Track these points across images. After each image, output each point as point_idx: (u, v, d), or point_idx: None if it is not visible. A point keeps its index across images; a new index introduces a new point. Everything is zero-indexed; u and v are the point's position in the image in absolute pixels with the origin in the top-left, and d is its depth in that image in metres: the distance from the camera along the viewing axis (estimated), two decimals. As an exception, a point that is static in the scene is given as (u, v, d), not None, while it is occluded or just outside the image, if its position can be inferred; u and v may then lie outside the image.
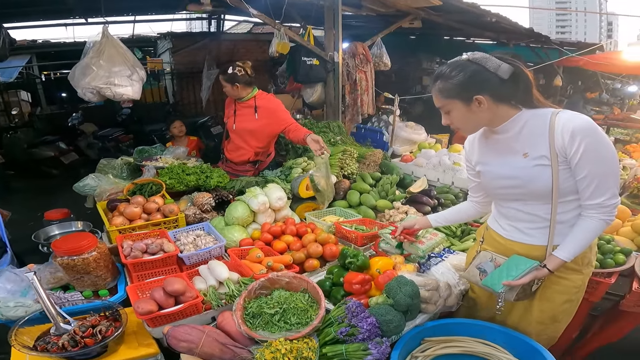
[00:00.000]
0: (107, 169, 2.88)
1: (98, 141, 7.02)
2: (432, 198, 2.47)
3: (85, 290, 1.83)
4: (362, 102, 4.45)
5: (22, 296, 1.78)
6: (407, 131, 3.96)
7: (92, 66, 2.81)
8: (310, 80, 4.04)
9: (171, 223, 2.21)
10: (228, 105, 3.00)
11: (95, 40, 3.07)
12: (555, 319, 1.46)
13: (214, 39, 8.33)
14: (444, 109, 1.37)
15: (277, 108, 2.85)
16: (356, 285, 1.59)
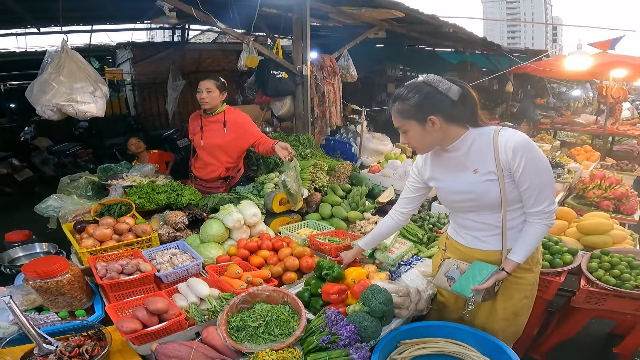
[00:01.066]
0: (70, 188, 2.79)
1: (54, 156, 6.62)
2: (399, 208, 2.61)
3: (61, 311, 1.81)
4: (330, 114, 4.59)
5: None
6: (374, 142, 4.13)
7: (52, 82, 2.68)
8: (279, 93, 4.09)
9: (144, 243, 2.20)
10: (193, 121, 2.96)
11: (54, 55, 2.92)
12: (517, 314, 1.64)
13: (178, 49, 8.19)
14: (401, 129, 1.51)
15: (246, 122, 2.88)
16: (334, 295, 1.68)
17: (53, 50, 2.94)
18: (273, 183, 2.81)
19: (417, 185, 1.72)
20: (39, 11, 4.60)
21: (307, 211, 2.78)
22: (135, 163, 3.61)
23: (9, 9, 4.15)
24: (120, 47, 8.57)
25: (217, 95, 2.76)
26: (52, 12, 4.46)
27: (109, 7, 4.93)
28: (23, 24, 5.67)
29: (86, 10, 5.03)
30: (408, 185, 1.77)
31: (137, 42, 8.55)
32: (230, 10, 3.97)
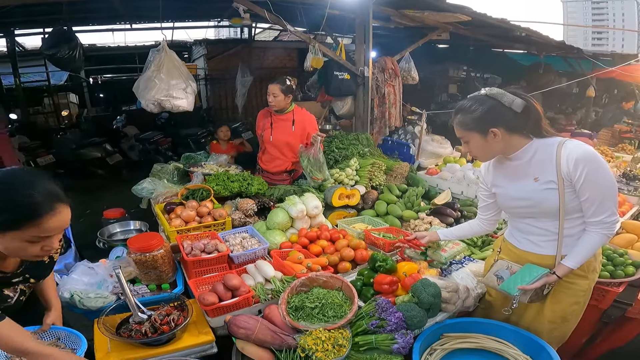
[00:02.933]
0: (161, 173, 3.23)
1: (139, 143, 7.48)
2: (455, 210, 2.68)
3: (151, 284, 2.02)
4: (389, 115, 4.66)
5: (98, 288, 1.96)
6: (433, 145, 4.14)
7: (155, 79, 3.11)
8: (341, 93, 4.25)
9: (219, 226, 2.48)
10: (262, 118, 3.22)
11: (156, 53, 3.35)
12: (565, 319, 1.68)
13: (245, 46, 8.65)
14: (463, 139, 1.60)
15: (312, 122, 3.15)
16: (385, 286, 1.83)
17: (155, 50, 3.37)
18: (333, 179, 3.00)
19: (486, 193, 1.79)
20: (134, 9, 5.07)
21: (363, 207, 2.94)
22: (212, 146, 4.00)
23: (108, 7, 4.67)
24: (195, 44, 9.24)
25: (282, 99, 3.02)
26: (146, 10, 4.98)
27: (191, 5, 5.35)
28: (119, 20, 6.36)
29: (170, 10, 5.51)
30: (480, 195, 1.85)
31: (210, 39, 9.18)
32: (297, 13, 4.19)
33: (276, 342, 1.57)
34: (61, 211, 1.11)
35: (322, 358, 1.46)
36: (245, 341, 1.60)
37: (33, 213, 1.05)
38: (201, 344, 1.67)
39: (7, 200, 1.04)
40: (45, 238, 1.11)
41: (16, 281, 1.37)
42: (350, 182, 3.08)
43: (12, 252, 1.12)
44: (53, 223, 1.08)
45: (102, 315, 1.71)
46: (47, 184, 1.10)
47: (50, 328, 1.56)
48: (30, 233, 1.07)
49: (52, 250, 1.16)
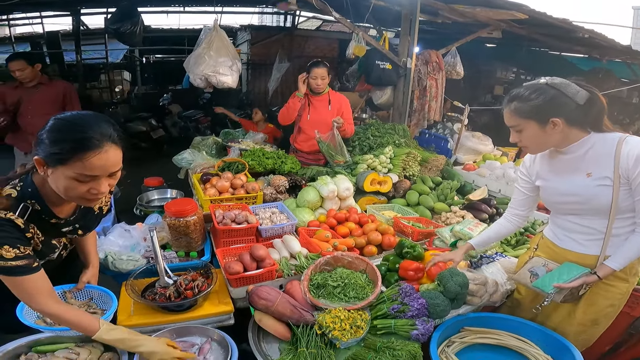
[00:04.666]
0: (201, 146, 3.34)
1: (181, 120, 7.81)
2: (491, 207, 2.56)
3: (180, 251, 2.06)
4: (429, 108, 4.53)
5: (131, 251, 2.01)
6: (473, 141, 3.98)
7: (205, 56, 3.24)
8: (381, 83, 4.19)
9: (251, 199, 2.52)
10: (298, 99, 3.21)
11: (207, 32, 3.47)
12: (595, 322, 1.58)
13: (287, 34, 8.71)
14: (516, 127, 1.50)
15: (347, 104, 3.27)
16: (410, 272, 1.79)
17: (207, 28, 3.49)
18: (367, 164, 2.97)
19: (527, 185, 1.69)
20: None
21: (394, 195, 2.88)
22: (250, 128, 4.10)
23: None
24: (240, 29, 9.40)
25: (327, 81, 3.18)
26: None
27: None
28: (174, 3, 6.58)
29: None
30: (519, 187, 1.73)
31: (255, 25, 9.33)
32: (344, 2, 4.14)
33: (294, 316, 1.57)
34: (107, 151, 1.11)
35: (338, 337, 1.45)
36: (263, 313, 1.61)
37: (80, 147, 1.07)
38: (220, 313, 1.69)
39: (62, 135, 1.09)
40: (92, 179, 1.13)
41: (66, 230, 1.40)
42: (383, 169, 3.03)
43: (63, 190, 1.15)
44: (98, 161, 1.09)
45: (130, 278, 1.74)
46: (102, 125, 1.12)
47: (85, 287, 1.59)
48: (76, 169, 1.09)
49: (99, 194, 1.17)
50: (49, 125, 1.12)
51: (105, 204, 1.56)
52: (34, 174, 1.23)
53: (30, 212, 1.20)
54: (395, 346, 1.46)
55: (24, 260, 1.17)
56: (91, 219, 1.50)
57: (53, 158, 1.09)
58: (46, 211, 1.26)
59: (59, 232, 1.38)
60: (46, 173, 1.13)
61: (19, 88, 3.19)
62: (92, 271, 1.63)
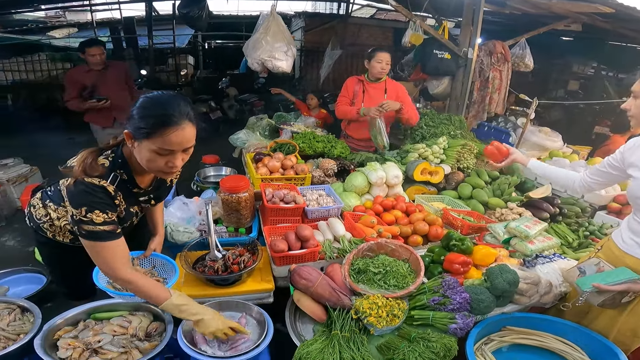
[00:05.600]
0: (255, 127, 3.47)
1: (237, 103, 8.19)
2: (553, 206, 2.36)
3: (230, 226, 2.15)
4: (491, 100, 4.27)
5: (187, 223, 2.13)
6: (540, 136, 3.68)
7: (262, 41, 3.35)
8: (439, 72, 4.04)
9: (299, 180, 2.58)
10: (352, 85, 3.20)
11: (265, 17, 3.57)
12: (635, 334, 1.45)
13: (341, 22, 8.64)
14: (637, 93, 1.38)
15: (404, 91, 3.18)
16: (456, 265, 1.73)
17: (265, 14, 3.58)
18: (418, 153, 2.89)
19: (612, 163, 1.58)
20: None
21: (445, 187, 2.78)
22: (304, 114, 4.18)
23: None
24: (295, 16, 9.51)
25: (385, 67, 3.08)
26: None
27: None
28: None
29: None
30: (606, 162, 1.63)
31: (309, 12, 9.38)
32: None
33: (332, 298, 1.58)
34: (184, 128, 1.21)
35: (374, 323, 1.45)
36: (302, 293, 1.64)
37: (162, 123, 1.17)
38: (261, 290, 1.73)
39: (148, 112, 1.20)
40: (170, 153, 1.23)
41: (143, 199, 1.52)
42: (435, 159, 2.93)
43: (145, 162, 1.26)
44: (176, 137, 1.19)
45: (185, 249, 1.82)
46: (181, 104, 1.22)
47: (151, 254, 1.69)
48: (158, 143, 1.19)
49: (174, 168, 1.27)
50: (139, 103, 1.23)
51: (176, 177, 1.67)
52: (124, 146, 1.35)
53: (119, 181, 1.32)
54: (430, 337, 1.43)
55: (111, 226, 1.28)
56: (164, 190, 1.62)
57: (140, 132, 1.20)
58: (131, 181, 1.38)
59: (137, 201, 1.50)
60: (133, 145, 1.25)
61: (90, 71, 3.51)
62: (158, 239, 1.74)
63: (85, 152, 1.30)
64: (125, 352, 1.43)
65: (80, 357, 1.39)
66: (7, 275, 2.55)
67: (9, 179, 4.01)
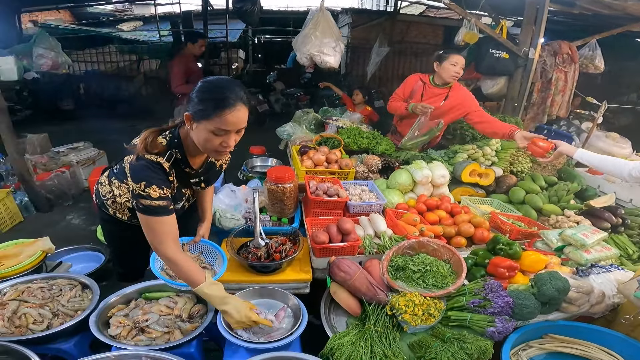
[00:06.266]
0: (301, 120, 3.58)
1: (284, 97, 8.46)
2: (616, 216, 2.21)
3: (273, 216, 2.22)
4: (552, 102, 4.06)
5: (234, 210, 2.22)
6: (607, 142, 3.44)
7: (311, 36, 3.46)
8: (495, 72, 3.93)
9: (343, 174, 2.62)
10: (412, 84, 3.13)
11: (314, 13, 3.68)
12: None
13: (389, 18, 8.56)
14: None
15: (467, 97, 2.95)
16: (501, 269, 1.70)
17: (314, 9, 3.69)
18: (467, 154, 2.83)
19: None
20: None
21: (494, 190, 2.71)
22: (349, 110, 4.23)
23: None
24: (342, 13, 9.57)
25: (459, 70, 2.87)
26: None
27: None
28: None
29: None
30: None
31: (356, 8, 9.43)
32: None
33: (369, 293, 1.60)
34: (239, 109, 1.30)
35: (408, 320, 1.46)
36: (339, 286, 1.68)
37: (220, 105, 1.28)
38: (299, 280, 1.77)
39: (207, 95, 1.31)
40: (225, 133, 1.33)
41: (194, 182, 1.62)
42: (486, 161, 2.85)
43: (202, 142, 1.36)
44: (231, 118, 1.29)
45: (231, 235, 1.90)
46: (236, 88, 1.31)
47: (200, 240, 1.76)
48: (215, 124, 1.30)
49: (228, 147, 1.37)
50: (198, 87, 1.34)
51: (225, 162, 1.77)
52: (181, 128, 1.47)
53: (174, 160, 1.44)
54: (465, 339, 1.43)
55: (165, 202, 1.39)
56: (214, 173, 1.72)
57: (199, 114, 1.31)
58: (184, 161, 1.49)
59: (188, 182, 1.61)
60: (191, 127, 1.36)
61: (194, 59, 4.25)
62: (206, 225, 1.81)
63: (147, 131, 1.44)
64: (168, 332, 1.55)
65: (128, 334, 1.52)
66: (71, 252, 2.69)
67: (79, 161, 4.49)
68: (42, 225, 3.77)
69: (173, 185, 1.48)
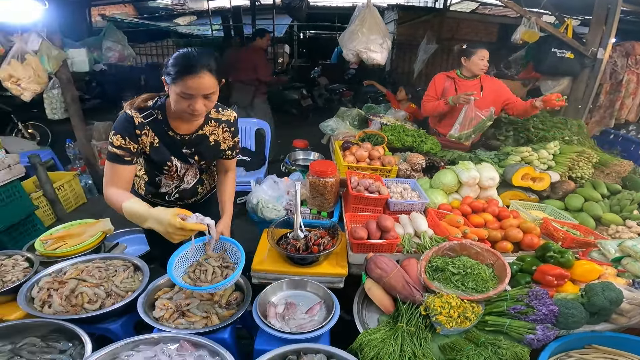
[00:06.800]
0: (345, 116, 3.63)
1: (327, 92, 8.57)
2: (685, 232, 2.04)
3: (313, 209, 2.30)
4: (622, 106, 3.79)
5: (276, 201, 2.30)
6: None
7: (358, 32, 3.48)
8: (556, 72, 3.76)
9: (385, 172, 2.63)
10: (442, 82, 3.15)
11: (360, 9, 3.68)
12: None
13: (438, 15, 8.39)
14: None
15: (501, 87, 3.09)
16: (550, 277, 1.65)
17: (360, 6, 3.70)
18: (520, 157, 2.72)
19: None
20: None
21: (548, 196, 2.59)
22: (394, 106, 4.22)
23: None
24: (388, 9, 9.49)
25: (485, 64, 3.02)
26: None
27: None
28: None
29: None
30: None
31: (402, 4, 9.31)
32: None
33: (404, 292, 1.62)
34: (202, 77, 1.42)
35: (442, 322, 1.46)
36: (374, 282, 1.69)
37: (183, 71, 1.41)
38: (334, 274, 1.80)
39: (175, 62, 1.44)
40: (190, 97, 1.45)
41: (186, 152, 1.71)
42: (541, 165, 2.73)
43: (173, 103, 1.50)
44: (193, 83, 1.41)
45: (272, 226, 1.96)
46: (204, 57, 1.43)
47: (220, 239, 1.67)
48: (180, 87, 1.43)
49: (195, 110, 1.48)
50: (172, 56, 1.48)
51: (223, 140, 1.79)
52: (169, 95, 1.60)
53: (153, 119, 1.60)
54: (500, 344, 1.41)
55: (123, 152, 1.54)
56: (206, 147, 1.75)
57: (169, 78, 1.46)
58: (165, 122, 1.63)
59: (179, 151, 1.70)
60: (168, 90, 1.51)
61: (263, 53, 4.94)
62: (225, 220, 1.76)
63: (146, 95, 1.64)
64: (207, 317, 1.63)
65: (170, 317, 1.61)
66: (126, 234, 2.88)
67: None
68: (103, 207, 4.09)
69: (145, 142, 1.61)
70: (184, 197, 1.93)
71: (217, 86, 1.50)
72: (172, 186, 1.85)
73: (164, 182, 1.83)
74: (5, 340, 1.53)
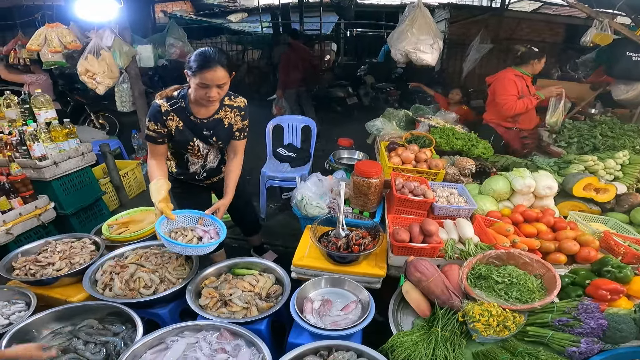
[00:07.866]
0: (391, 116, 3.66)
1: (373, 91, 8.57)
2: None
3: (356, 208, 2.35)
4: None
5: (320, 199, 2.36)
6: None
7: (407, 32, 3.50)
8: (630, 76, 3.57)
9: (431, 175, 2.63)
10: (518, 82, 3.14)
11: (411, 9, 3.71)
12: None
13: (494, 14, 8.14)
14: None
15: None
16: (603, 291, 1.62)
17: (411, 5, 3.71)
18: (584, 166, 2.63)
19: None
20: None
21: (612, 208, 2.48)
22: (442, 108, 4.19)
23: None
24: (438, 7, 9.32)
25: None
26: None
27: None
28: None
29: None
30: None
31: (455, 3, 9.11)
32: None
33: (443, 297, 1.63)
34: (216, 71, 1.78)
35: (479, 329, 1.47)
36: (412, 286, 1.73)
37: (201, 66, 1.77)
38: (373, 275, 1.85)
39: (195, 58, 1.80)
40: (205, 87, 1.81)
41: (206, 134, 2.04)
42: (607, 175, 2.62)
43: (193, 92, 1.88)
44: (208, 75, 1.78)
45: (315, 223, 2.04)
46: (217, 55, 1.79)
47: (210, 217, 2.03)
48: (198, 79, 1.79)
49: (211, 97, 1.84)
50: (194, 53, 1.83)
51: (235, 122, 2.11)
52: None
53: (177, 107, 1.96)
54: (539, 355, 1.41)
55: (155, 134, 1.96)
56: (222, 129, 2.08)
57: (190, 71, 1.82)
58: (188, 109, 1.99)
59: (200, 133, 2.04)
60: (189, 80, 1.86)
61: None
62: (223, 202, 2.10)
63: (174, 86, 2.03)
64: (247, 307, 1.77)
65: (213, 306, 1.77)
66: None
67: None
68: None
69: (171, 126, 1.98)
70: (211, 176, 2.27)
71: (229, 77, 1.86)
72: (198, 164, 2.19)
73: (191, 160, 2.17)
74: (67, 321, 1.73)
